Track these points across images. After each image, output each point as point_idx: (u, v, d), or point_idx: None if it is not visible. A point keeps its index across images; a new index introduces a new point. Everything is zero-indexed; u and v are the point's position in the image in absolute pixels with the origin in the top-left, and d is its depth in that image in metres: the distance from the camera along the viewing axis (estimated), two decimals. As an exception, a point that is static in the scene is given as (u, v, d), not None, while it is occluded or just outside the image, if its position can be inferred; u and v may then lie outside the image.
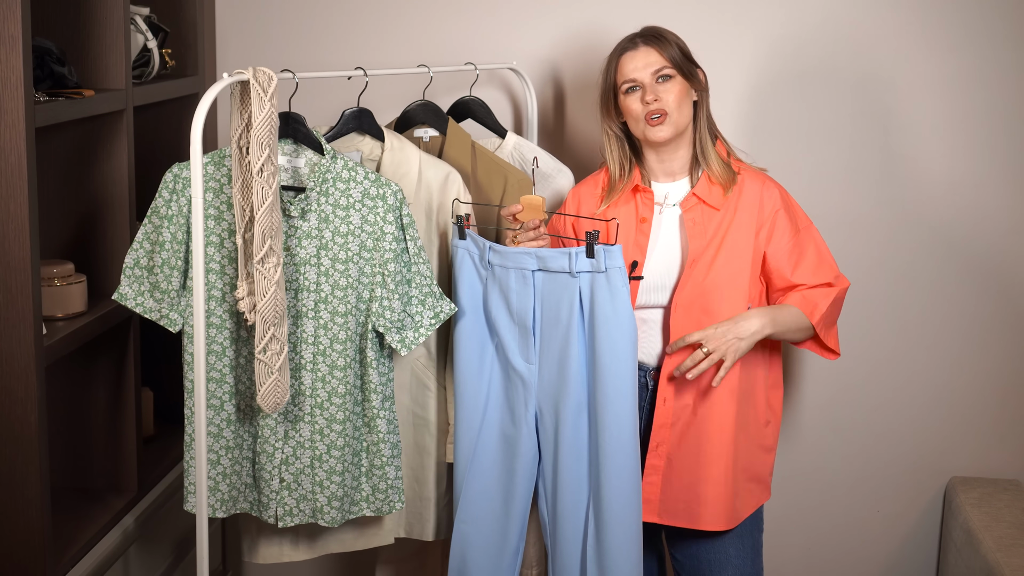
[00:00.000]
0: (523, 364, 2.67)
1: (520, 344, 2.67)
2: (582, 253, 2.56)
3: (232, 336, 2.62)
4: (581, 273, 2.57)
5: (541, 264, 2.62)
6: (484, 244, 2.68)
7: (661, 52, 2.69)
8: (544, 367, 2.65)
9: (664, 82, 2.68)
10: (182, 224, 2.58)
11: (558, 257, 2.59)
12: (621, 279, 2.53)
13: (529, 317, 2.65)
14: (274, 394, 2.51)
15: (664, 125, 2.67)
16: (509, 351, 2.68)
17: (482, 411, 2.71)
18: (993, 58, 3.31)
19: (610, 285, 2.54)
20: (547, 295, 2.63)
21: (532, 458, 2.69)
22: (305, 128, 2.63)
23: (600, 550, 2.60)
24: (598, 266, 2.55)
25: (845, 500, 3.56)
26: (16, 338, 2.44)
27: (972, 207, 3.38)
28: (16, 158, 2.38)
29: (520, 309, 2.65)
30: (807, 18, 3.34)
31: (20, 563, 2.50)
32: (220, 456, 2.65)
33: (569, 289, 2.59)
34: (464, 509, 2.74)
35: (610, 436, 2.56)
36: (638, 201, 2.75)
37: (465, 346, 2.71)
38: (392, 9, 3.43)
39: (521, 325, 2.66)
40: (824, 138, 3.39)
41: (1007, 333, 3.43)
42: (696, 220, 2.71)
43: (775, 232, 2.70)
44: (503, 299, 2.67)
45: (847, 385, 3.50)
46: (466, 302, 2.71)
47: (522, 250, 2.64)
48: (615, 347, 2.55)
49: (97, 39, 2.82)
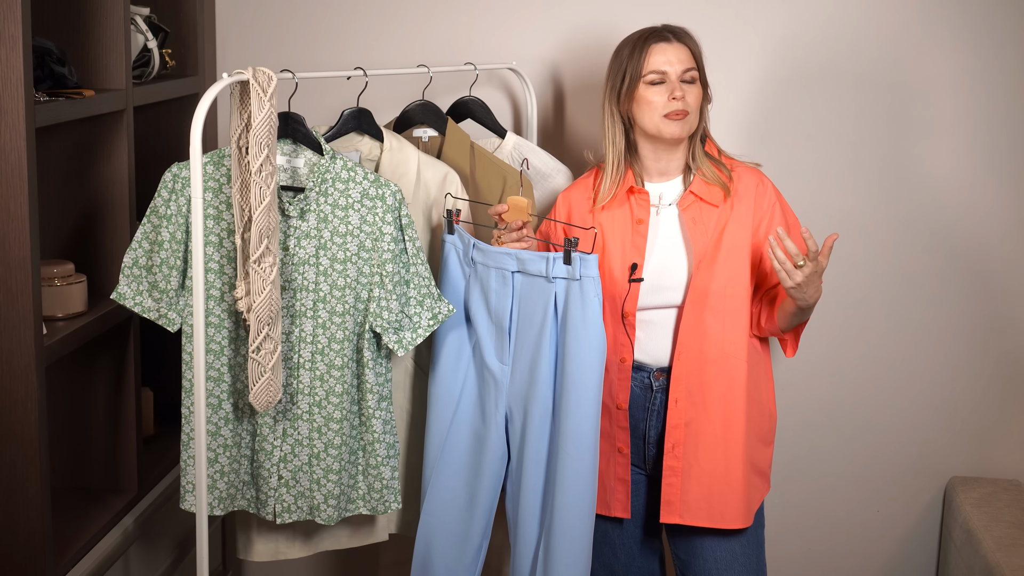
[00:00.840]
0: (497, 364, 2.68)
1: (496, 344, 2.68)
2: (560, 259, 2.55)
3: (230, 335, 2.63)
4: (557, 279, 2.56)
5: (520, 266, 2.62)
6: (469, 241, 2.69)
7: (692, 52, 2.69)
8: (516, 369, 2.66)
9: (689, 83, 2.67)
10: (181, 224, 2.58)
11: (536, 261, 2.59)
12: (594, 289, 2.53)
13: (506, 318, 2.65)
14: (266, 393, 2.51)
15: (681, 123, 2.66)
16: (485, 351, 2.69)
17: (454, 407, 2.73)
18: (993, 58, 3.31)
19: (583, 294, 2.54)
20: (524, 297, 2.63)
21: (500, 457, 2.70)
22: (304, 128, 2.63)
23: (548, 555, 2.60)
24: (573, 274, 2.54)
25: (845, 500, 3.55)
26: (16, 338, 2.45)
27: (972, 207, 3.38)
28: (16, 158, 2.38)
29: (498, 309, 2.66)
30: (807, 18, 3.34)
31: (20, 563, 2.50)
32: (218, 454, 2.65)
33: (545, 293, 2.59)
34: (430, 501, 2.75)
35: (569, 443, 2.56)
36: (633, 203, 2.73)
37: (443, 341, 2.73)
38: (392, 9, 3.44)
39: (498, 325, 2.67)
40: (824, 138, 3.39)
41: (1007, 333, 3.43)
42: (696, 218, 2.70)
43: (773, 225, 2.70)
44: (483, 297, 2.68)
45: (847, 385, 3.50)
46: (449, 297, 2.72)
47: (504, 250, 2.64)
48: (581, 356, 2.54)
49: (97, 39, 2.83)
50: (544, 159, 3.13)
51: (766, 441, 2.81)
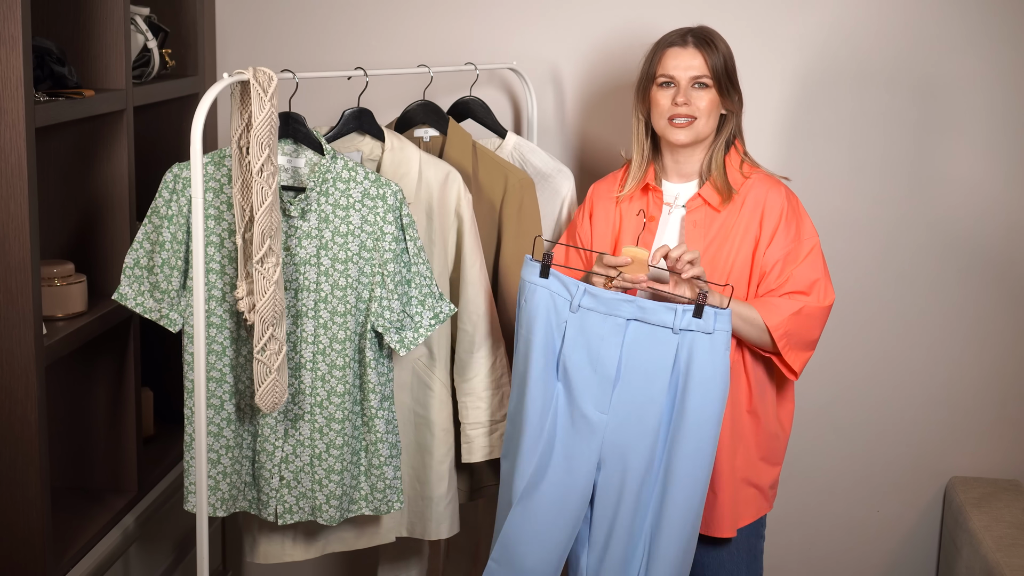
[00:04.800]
0: (594, 412, 2.54)
1: (596, 392, 2.54)
2: (689, 312, 2.46)
3: (232, 336, 2.63)
4: (684, 331, 2.47)
5: (640, 315, 2.50)
6: (579, 287, 2.54)
7: (706, 59, 2.65)
8: (618, 418, 2.53)
9: (699, 89, 2.65)
10: (182, 224, 2.58)
11: (661, 312, 2.48)
12: (725, 343, 2.45)
13: (613, 366, 2.52)
14: (272, 394, 2.51)
15: (686, 130, 2.65)
16: (580, 398, 2.55)
17: (540, 452, 2.58)
18: (993, 58, 3.31)
19: (713, 348, 2.45)
20: (637, 346, 2.51)
21: (582, 507, 2.58)
22: (305, 128, 2.63)
23: None
24: (705, 327, 2.45)
25: (845, 500, 3.56)
26: (16, 338, 2.44)
27: (972, 207, 3.38)
28: (16, 158, 2.38)
29: (604, 356, 2.53)
30: (809, 19, 3.34)
31: (20, 563, 2.50)
32: (220, 455, 2.65)
33: (666, 345, 2.48)
34: (500, 551, 2.63)
35: (679, 496, 2.49)
36: (649, 200, 2.74)
37: (534, 386, 2.58)
38: (392, 9, 3.43)
39: (601, 373, 2.53)
40: (824, 138, 3.39)
41: (1007, 333, 3.43)
42: (697, 222, 2.69)
43: (775, 238, 2.65)
44: (584, 344, 2.54)
45: (847, 385, 3.50)
46: (539, 343, 2.56)
47: (624, 297, 2.52)
48: (706, 410, 2.47)
49: (97, 39, 2.82)
50: (544, 159, 3.13)
51: (770, 461, 2.76)
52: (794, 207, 2.69)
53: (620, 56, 3.38)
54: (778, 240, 2.65)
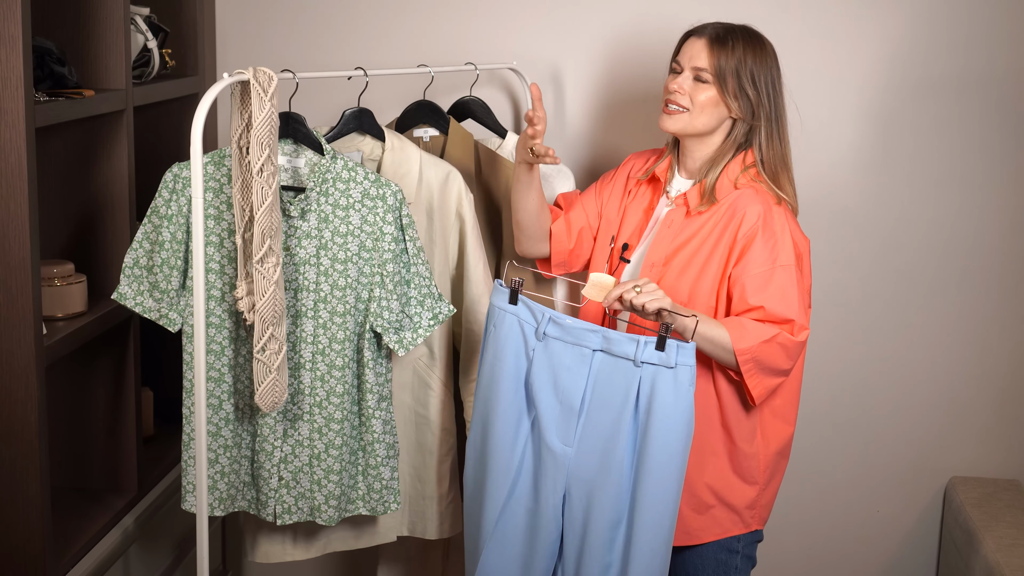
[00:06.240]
0: (559, 445, 2.47)
1: (560, 424, 2.48)
2: (652, 344, 2.38)
3: (231, 335, 2.63)
4: (646, 364, 2.39)
5: (606, 345, 2.43)
6: (543, 314, 2.49)
7: (714, 55, 2.58)
8: (583, 451, 2.46)
9: (698, 82, 2.60)
10: (182, 224, 2.58)
11: (624, 343, 2.40)
12: (689, 378, 2.36)
13: (578, 398, 2.46)
14: (272, 393, 2.51)
15: (674, 118, 2.61)
16: (546, 429, 2.48)
17: (510, 485, 2.54)
18: (993, 58, 3.31)
19: (676, 382, 2.37)
20: (602, 378, 2.44)
21: (555, 540, 2.52)
22: (305, 128, 2.63)
23: None
24: (667, 361, 2.37)
25: (845, 500, 3.56)
26: (16, 338, 2.44)
27: (972, 207, 3.38)
28: (16, 158, 2.38)
29: (569, 388, 2.46)
30: (809, 19, 3.34)
31: (20, 563, 2.50)
32: (219, 455, 2.65)
33: (628, 377, 2.40)
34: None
35: (646, 528, 2.42)
36: (652, 190, 2.74)
37: (503, 417, 2.53)
38: (392, 9, 3.43)
39: (566, 404, 2.47)
40: (824, 138, 3.39)
41: (1007, 333, 3.43)
42: (673, 221, 2.65)
43: (747, 254, 2.54)
44: (550, 374, 2.48)
45: (847, 385, 3.50)
46: (509, 371, 2.51)
47: (589, 327, 2.45)
48: (669, 445, 2.38)
49: (97, 39, 2.82)
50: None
51: (747, 480, 2.66)
52: (770, 225, 2.56)
53: (620, 56, 3.38)
54: (752, 257, 2.54)
